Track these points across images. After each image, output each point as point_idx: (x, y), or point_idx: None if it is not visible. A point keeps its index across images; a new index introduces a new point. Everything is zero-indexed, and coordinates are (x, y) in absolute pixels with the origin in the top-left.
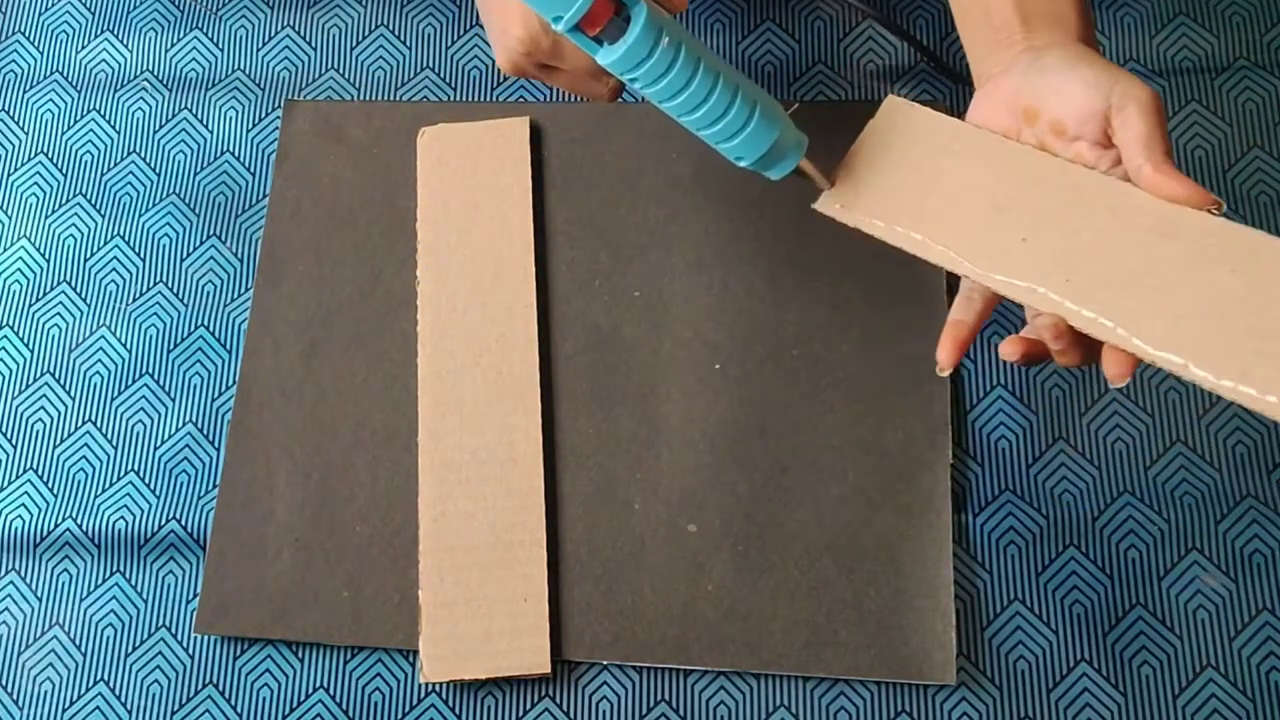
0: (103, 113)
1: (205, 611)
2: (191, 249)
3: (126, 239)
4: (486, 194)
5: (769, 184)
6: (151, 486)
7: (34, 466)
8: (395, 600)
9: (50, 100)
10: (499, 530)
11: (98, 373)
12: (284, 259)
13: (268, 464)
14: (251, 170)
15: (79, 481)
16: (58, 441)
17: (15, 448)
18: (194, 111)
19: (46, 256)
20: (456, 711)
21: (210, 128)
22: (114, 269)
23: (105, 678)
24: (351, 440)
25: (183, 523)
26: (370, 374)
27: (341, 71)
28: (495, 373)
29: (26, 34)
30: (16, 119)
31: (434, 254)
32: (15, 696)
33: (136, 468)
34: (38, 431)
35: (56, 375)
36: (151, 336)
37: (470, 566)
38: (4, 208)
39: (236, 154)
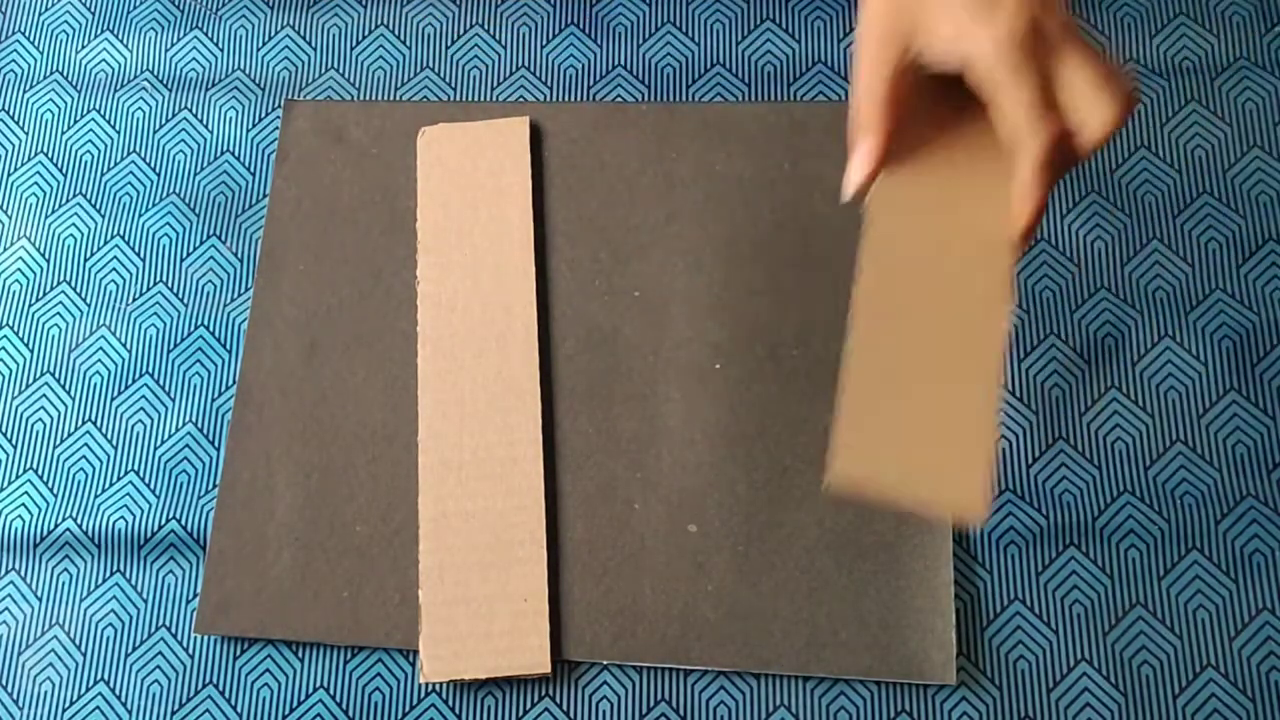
0: (103, 113)
1: (205, 611)
2: (191, 249)
3: (126, 239)
4: (486, 194)
5: (769, 184)
6: (151, 486)
7: (34, 466)
8: (395, 600)
9: (50, 100)
10: (499, 530)
11: (98, 373)
12: (284, 259)
13: (268, 464)
14: (251, 170)
15: (79, 481)
16: (58, 441)
17: (15, 448)
18: (194, 111)
19: (46, 256)
20: (456, 711)
21: (210, 128)
22: (114, 269)
23: (105, 678)
24: (351, 440)
25: (183, 523)
26: (370, 374)
27: (341, 71)
28: (495, 372)
29: (26, 34)
30: (16, 119)
31: (434, 254)
32: (15, 696)
33: (136, 468)
34: (38, 431)
35: (56, 375)
36: (151, 336)
37: (470, 566)
38: (4, 208)
39: (236, 154)
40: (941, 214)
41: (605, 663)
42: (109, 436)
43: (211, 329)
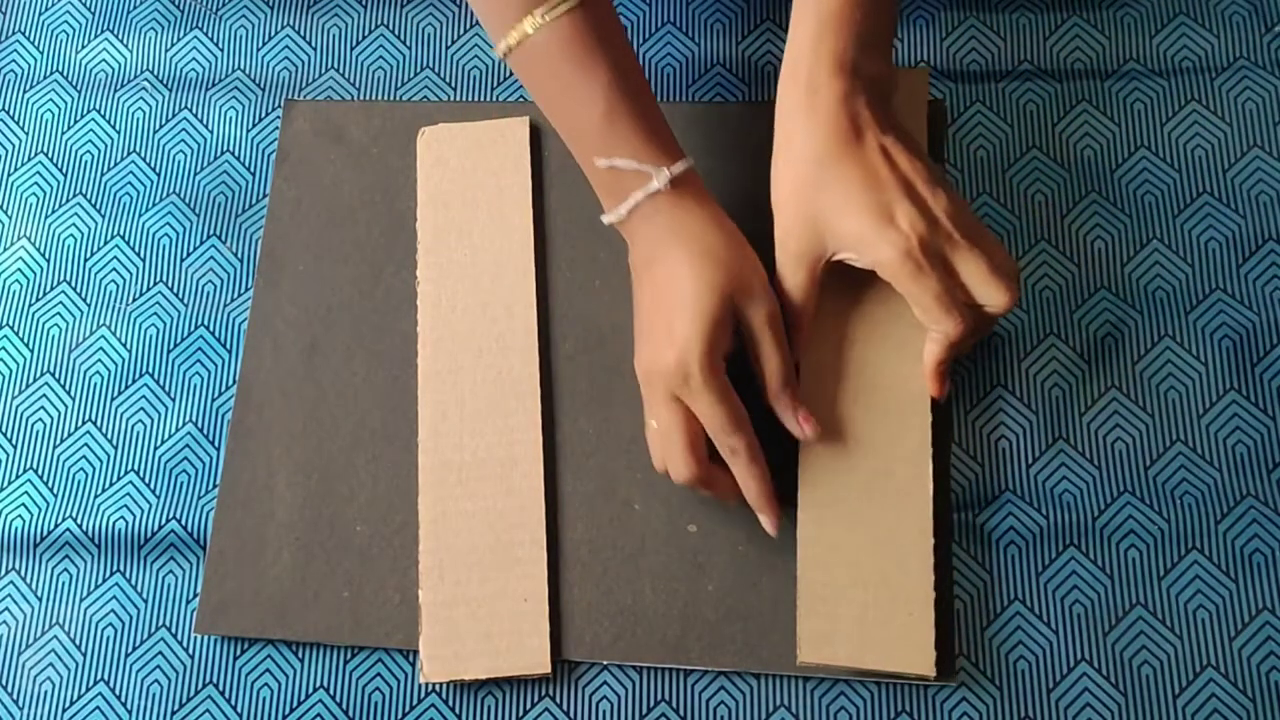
0: (103, 113)
1: (205, 611)
2: (191, 249)
3: (126, 239)
4: (486, 194)
5: (766, 182)
6: (151, 486)
7: (34, 466)
8: (395, 600)
9: (50, 100)
10: (499, 530)
11: (98, 373)
12: (284, 259)
13: (268, 464)
14: (251, 170)
15: (79, 481)
16: (58, 441)
17: (15, 448)
18: (194, 111)
19: (46, 256)
20: (456, 711)
21: (210, 128)
22: (114, 269)
23: (105, 678)
24: (351, 440)
25: (183, 523)
26: (370, 374)
27: (341, 71)
28: (495, 372)
29: (26, 34)
30: (16, 119)
31: (434, 254)
32: (15, 696)
33: (136, 468)
34: (38, 431)
35: (56, 375)
36: (151, 336)
37: (470, 566)
38: (4, 208)
39: (236, 154)
40: (863, 377)
41: (605, 663)
42: (109, 436)
43: (211, 329)
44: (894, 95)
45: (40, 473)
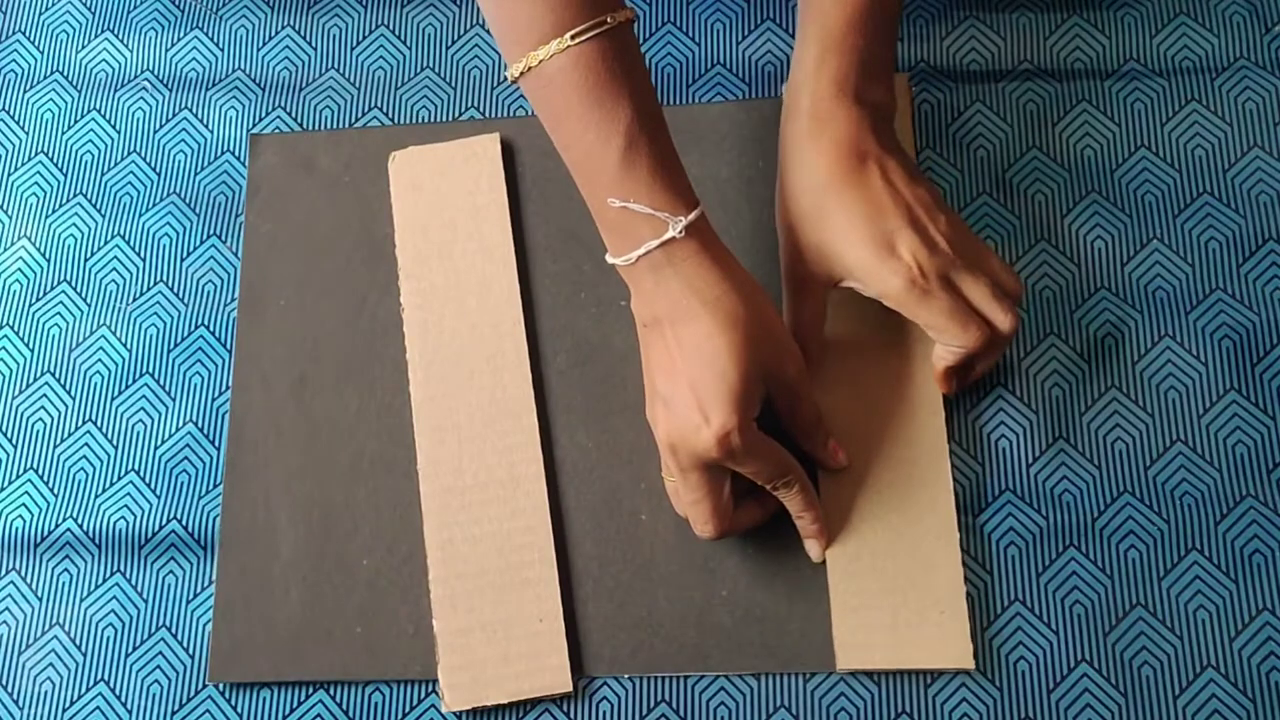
0: (103, 113)
1: (218, 658)
2: (191, 249)
3: (126, 239)
4: (463, 214)
5: (745, 182)
6: (152, 486)
7: (34, 466)
8: (410, 631)
9: (50, 100)
10: (507, 553)
11: (98, 372)
12: (264, 294)
13: (267, 504)
14: None
15: (79, 481)
16: (58, 441)
17: (15, 448)
18: (194, 111)
19: (46, 256)
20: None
21: (210, 128)
22: (114, 269)
23: (105, 678)
24: (350, 473)
25: (183, 522)
26: (363, 404)
27: (342, 71)
28: (489, 394)
29: (26, 34)
30: (16, 119)
31: (416, 278)
32: (15, 696)
33: (136, 467)
34: (38, 431)
35: (56, 375)
36: (151, 336)
37: (482, 591)
38: (4, 208)
39: (236, 154)
40: (874, 381)
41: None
42: (109, 436)
43: (211, 329)
44: (894, 119)
45: (40, 473)
